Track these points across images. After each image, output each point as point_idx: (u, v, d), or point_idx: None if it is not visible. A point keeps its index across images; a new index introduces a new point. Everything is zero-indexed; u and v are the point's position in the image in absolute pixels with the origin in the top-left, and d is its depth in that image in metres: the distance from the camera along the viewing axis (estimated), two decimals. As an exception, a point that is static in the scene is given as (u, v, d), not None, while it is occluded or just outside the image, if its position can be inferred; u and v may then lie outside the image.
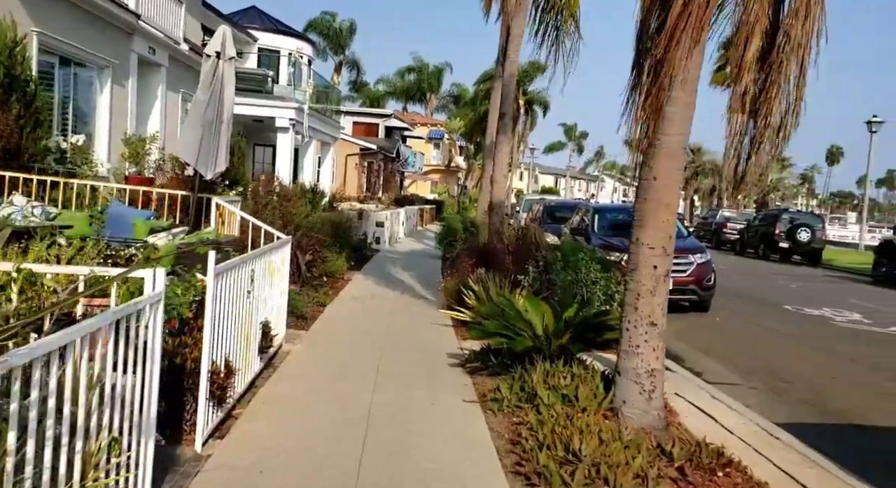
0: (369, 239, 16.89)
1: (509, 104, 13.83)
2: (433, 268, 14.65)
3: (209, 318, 4.00)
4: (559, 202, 22.46)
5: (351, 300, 9.86)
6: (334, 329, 7.78)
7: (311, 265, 10.07)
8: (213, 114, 6.53)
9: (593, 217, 12.45)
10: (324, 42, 52.04)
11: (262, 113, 19.06)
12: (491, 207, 13.99)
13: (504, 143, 13.75)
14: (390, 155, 35.91)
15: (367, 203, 28.63)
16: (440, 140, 57.26)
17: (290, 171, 19.40)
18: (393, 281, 12.19)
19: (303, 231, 10.28)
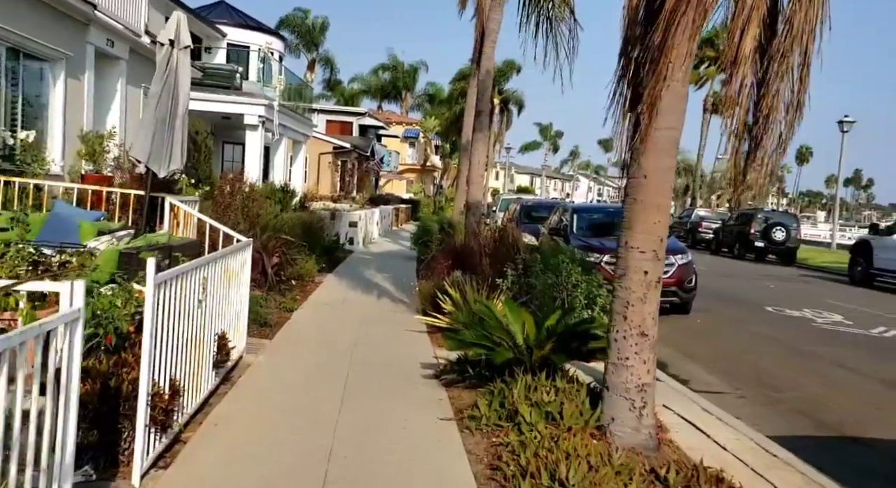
0: (342, 240, 16.39)
1: (486, 102, 13.46)
2: (408, 270, 14.21)
3: (148, 334, 3.52)
4: (536, 202, 22.16)
5: (321, 305, 9.38)
6: (301, 337, 7.30)
7: (278, 268, 9.57)
8: (166, 108, 6.03)
9: (572, 217, 12.11)
10: (296, 39, 51.27)
11: (231, 110, 18.45)
12: (468, 207, 13.61)
13: (480, 142, 13.37)
14: (365, 153, 35.36)
15: (341, 202, 28.07)
16: (416, 139, 56.76)
17: (260, 170, 18.80)
18: (366, 283, 11.72)
19: (270, 233, 9.77)
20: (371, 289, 11.15)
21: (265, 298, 8.78)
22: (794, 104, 4.51)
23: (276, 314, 8.23)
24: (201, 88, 18.22)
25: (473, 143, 13.65)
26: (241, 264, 5.87)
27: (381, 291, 10.98)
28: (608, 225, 12.21)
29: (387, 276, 12.92)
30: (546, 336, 5.30)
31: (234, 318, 5.72)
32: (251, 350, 6.46)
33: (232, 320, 5.64)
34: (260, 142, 18.71)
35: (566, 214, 12.96)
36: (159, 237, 5.38)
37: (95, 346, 3.80)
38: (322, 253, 13.86)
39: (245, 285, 6.15)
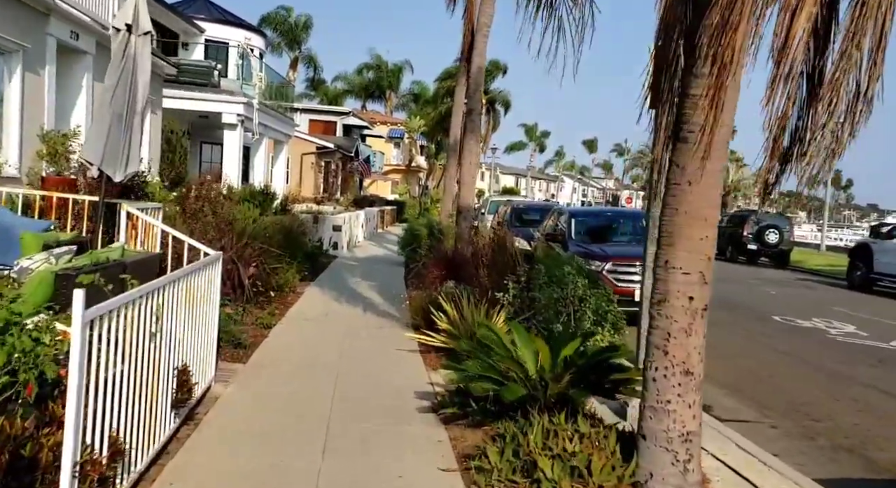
0: (326, 245, 15.59)
1: (477, 100, 12.74)
2: (395, 277, 13.44)
3: (75, 388, 2.74)
4: (528, 204, 21.47)
5: (302, 320, 8.59)
6: (278, 360, 6.51)
7: (255, 279, 8.76)
8: (123, 102, 5.22)
9: (570, 222, 11.41)
10: (278, 37, 50.25)
11: (208, 108, 17.57)
12: (459, 211, 12.88)
13: (472, 142, 12.65)
14: (349, 154, 34.52)
15: (325, 204, 27.22)
16: (400, 139, 55.90)
17: (239, 171, 17.94)
18: (351, 293, 10.94)
19: (246, 240, 8.96)
20: (356, 299, 10.37)
21: (240, 313, 7.98)
22: (859, 95, 3.80)
23: (251, 331, 7.43)
24: (177, 86, 17.36)
25: (465, 143, 12.94)
26: (209, 282, 5.08)
27: (368, 303, 10.20)
28: (608, 230, 11.55)
29: (373, 285, 12.15)
30: (563, 367, 4.57)
31: (200, 345, 4.94)
32: (222, 377, 5.67)
33: (198, 348, 4.86)
34: (239, 142, 17.85)
35: (563, 219, 12.26)
36: (110, 253, 4.58)
37: (12, 398, 3.01)
38: (304, 259, 13.06)
39: (214, 305, 5.36)
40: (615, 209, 16.22)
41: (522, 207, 18.98)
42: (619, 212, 14.93)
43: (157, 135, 15.24)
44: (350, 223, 18.94)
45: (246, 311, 8.37)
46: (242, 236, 8.88)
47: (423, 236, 15.36)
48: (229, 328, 6.57)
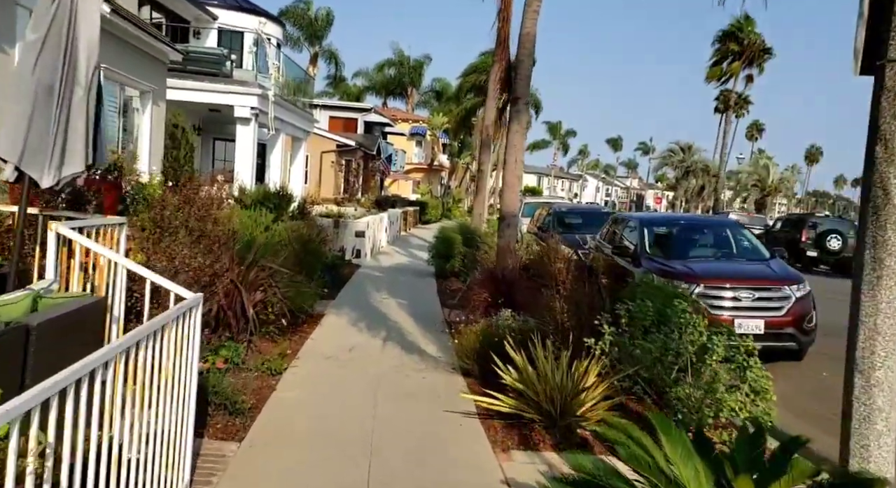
0: (348, 254, 13.87)
1: (525, 86, 10.94)
2: (428, 293, 11.66)
3: None
4: (571, 207, 19.47)
5: (321, 359, 6.82)
6: (287, 433, 4.73)
7: (263, 307, 7.02)
8: (54, 71, 3.49)
9: (642, 232, 9.49)
10: (298, 32, 48.75)
11: (219, 100, 15.92)
12: (501, 218, 11.10)
13: (517, 137, 10.84)
14: (370, 152, 32.81)
15: (345, 206, 25.51)
16: (422, 137, 54.18)
17: (253, 171, 16.28)
18: (379, 317, 9.17)
19: (253, 258, 7.21)
20: (385, 326, 8.60)
21: (242, 354, 6.24)
22: None
23: (255, 382, 5.68)
24: (184, 76, 15.73)
25: (509, 136, 11.13)
26: (180, 340, 3.33)
27: (399, 331, 8.42)
28: (689, 242, 9.64)
29: (403, 303, 10.37)
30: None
31: (166, 437, 3.19)
32: (207, 471, 3.93)
33: (160, 444, 3.11)
34: (253, 138, 16.17)
35: (629, 227, 10.35)
36: (9, 306, 2.84)
37: None
38: (323, 272, 11.34)
39: (191, 367, 3.61)
40: (696, 216, 14.18)
41: (564, 210, 17.05)
42: (702, 221, 12.69)
43: (159, 130, 13.60)
44: (373, 228, 17.20)
45: (250, 349, 6.63)
46: (247, 254, 7.12)
47: (457, 243, 13.57)
48: (221, 387, 4.82)
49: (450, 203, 47.56)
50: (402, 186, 49.99)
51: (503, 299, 8.37)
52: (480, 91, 46.34)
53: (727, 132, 50.30)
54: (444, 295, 11.55)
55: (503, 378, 5.14)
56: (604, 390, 4.85)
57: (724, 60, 48.20)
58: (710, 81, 49.30)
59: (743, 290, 7.78)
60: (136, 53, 12.28)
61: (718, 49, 48.14)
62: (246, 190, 14.81)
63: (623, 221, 10.76)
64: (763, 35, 46.75)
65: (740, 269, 8.40)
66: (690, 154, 66.43)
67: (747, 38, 46.76)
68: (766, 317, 7.71)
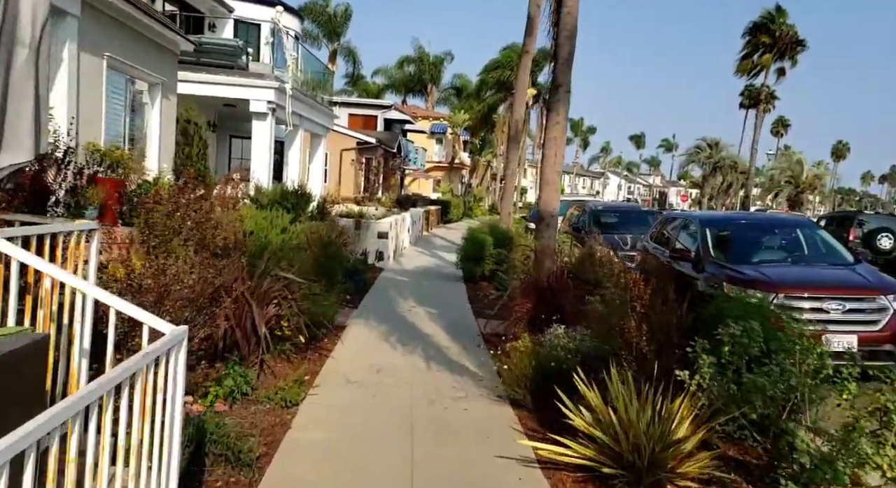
0: (370, 257, 12.93)
1: (566, 71, 9.91)
2: (458, 299, 10.69)
3: None
4: (608, 205, 18.30)
5: (344, 384, 5.87)
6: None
7: (276, 322, 6.09)
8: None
9: (703, 233, 8.38)
10: (317, 29, 48.05)
11: (234, 94, 15.06)
12: (540, 218, 10.08)
13: (557, 129, 9.84)
14: (391, 149, 31.89)
15: (366, 205, 24.62)
16: (443, 135, 53.20)
17: (270, 169, 15.41)
18: (406, 329, 8.22)
19: (265, 266, 6.28)
20: (415, 340, 7.64)
21: (252, 379, 5.31)
22: None
23: (265, 419, 4.74)
24: (197, 68, 14.90)
25: (547, 129, 10.13)
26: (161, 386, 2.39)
27: (431, 346, 7.46)
28: (758, 246, 8.54)
29: (432, 313, 9.41)
30: None
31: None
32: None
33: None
34: (269, 133, 15.30)
35: (685, 227, 9.27)
36: None
37: None
38: (345, 277, 10.43)
39: (173, 423, 2.66)
40: (762, 215, 12.88)
41: (601, 209, 15.92)
42: (772, 221, 11.14)
43: (170, 125, 12.77)
44: (396, 228, 16.26)
45: (263, 372, 5.71)
46: (259, 262, 6.20)
47: (487, 245, 12.57)
48: (222, 433, 3.87)
49: (471, 202, 46.55)
50: (423, 185, 49.07)
51: (550, 311, 7.38)
52: (503, 87, 45.40)
53: (757, 127, 48.69)
54: (477, 302, 10.58)
55: (570, 418, 4.14)
56: (702, 436, 3.84)
57: (754, 53, 46.62)
58: (739, 75, 47.74)
59: (831, 301, 6.69)
60: (144, 42, 11.44)
61: (749, 41, 46.57)
62: (262, 189, 13.94)
63: (678, 221, 9.68)
64: (796, 26, 45.13)
65: (825, 276, 7.29)
66: (718, 150, 64.76)
67: (779, 29, 45.17)
68: (859, 331, 6.62)
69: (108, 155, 9.75)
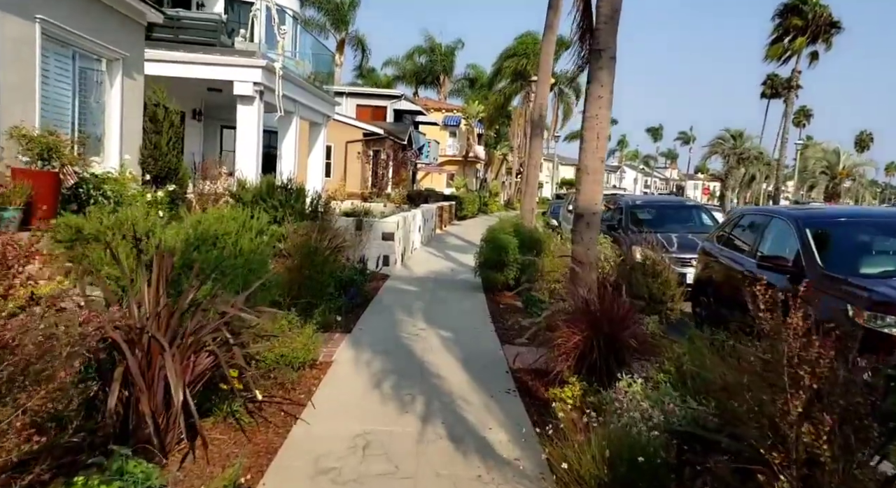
0: (372, 263, 10.93)
1: (610, 32, 7.97)
2: (479, 319, 8.65)
3: None
4: (647, 199, 16.05)
5: (306, 481, 3.84)
6: None
7: (208, 380, 4.09)
8: None
9: (803, 234, 6.28)
10: (324, 17, 46.11)
11: (216, 75, 13.11)
12: (579, 215, 8.10)
13: (599, 103, 7.87)
14: (401, 141, 29.85)
15: (373, 201, 22.64)
16: (456, 127, 51.10)
17: (258, 160, 13.44)
18: (411, 365, 6.20)
19: (191, 300, 4.28)
20: (424, 385, 5.62)
21: (157, 486, 3.32)
22: None
23: None
24: (174, 46, 12.98)
25: (588, 106, 8.08)
26: None
27: (446, 394, 5.43)
28: (888, 251, 6.40)
29: (447, 338, 7.39)
30: None
31: None
32: None
33: None
34: (257, 120, 13.33)
35: (771, 228, 7.14)
36: None
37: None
38: (338, 291, 8.47)
39: None
40: (873, 210, 10.52)
41: (638, 204, 13.75)
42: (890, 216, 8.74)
43: (134, 109, 10.82)
44: (405, 227, 14.24)
45: (189, 460, 3.72)
46: (188, 284, 4.21)
47: (512, 249, 10.51)
48: None
49: (486, 197, 44.45)
50: (436, 179, 47.04)
51: (607, 346, 5.35)
52: (519, 76, 43.23)
53: (787, 115, 46.12)
54: (501, 320, 8.54)
55: None
56: None
57: (784, 37, 44.03)
58: (769, 61, 45.18)
59: None
60: (99, 9, 9.50)
61: (779, 24, 44.00)
62: (246, 184, 11.96)
63: (757, 219, 7.55)
64: (829, 7, 42.51)
65: None
66: (742, 141, 62.15)
67: (812, 10, 42.57)
68: None
69: (38, 141, 7.80)
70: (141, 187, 10.39)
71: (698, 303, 8.38)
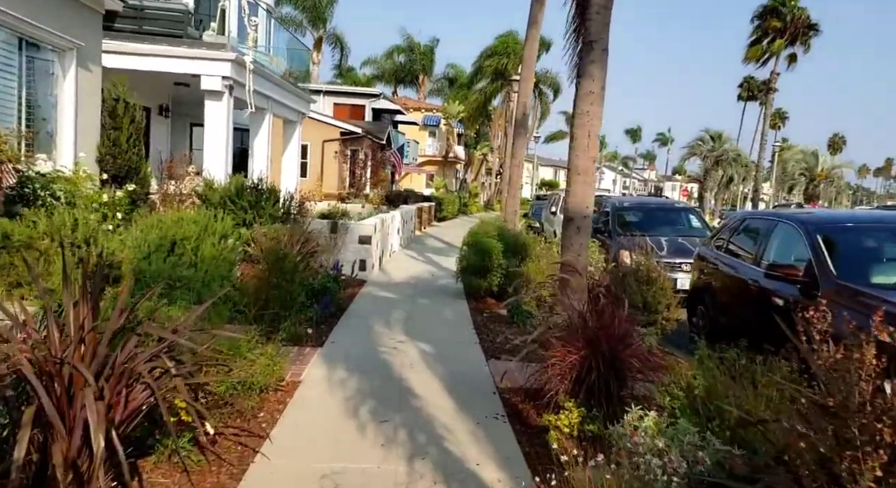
0: (348, 268, 10.29)
1: (602, 23, 7.52)
2: (462, 330, 8.05)
3: None
4: (634, 201, 15.49)
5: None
6: None
7: (153, 408, 3.43)
8: None
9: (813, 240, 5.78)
10: (301, 14, 45.21)
11: (182, 68, 12.36)
12: (569, 218, 7.59)
13: (591, 99, 7.38)
14: (379, 141, 29.17)
15: (351, 202, 21.96)
16: (436, 127, 50.50)
17: (227, 159, 12.70)
18: (389, 385, 5.58)
19: (122, 323, 3.62)
20: (403, 409, 5.00)
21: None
22: None
23: None
24: (137, 38, 12.22)
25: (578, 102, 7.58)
26: None
27: (427, 421, 4.82)
28: None
29: (428, 353, 6.78)
30: None
31: None
32: None
33: None
34: (226, 116, 12.60)
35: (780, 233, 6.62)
36: None
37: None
38: (310, 298, 7.83)
39: None
40: (888, 213, 9.98)
41: (626, 206, 13.22)
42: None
43: (90, 103, 10.07)
44: (383, 230, 13.60)
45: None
46: (120, 304, 3.55)
47: (496, 254, 9.92)
48: None
49: (466, 198, 43.87)
50: (415, 180, 46.39)
51: (605, 365, 4.78)
52: (499, 75, 42.72)
53: (766, 116, 46.23)
54: (486, 331, 7.96)
55: None
56: None
57: (763, 38, 44.12)
58: (748, 62, 45.23)
59: None
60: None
61: (758, 26, 44.07)
62: (214, 184, 11.26)
63: (761, 224, 7.03)
64: (808, 9, 42.67)
65: None
66: (721, 143, 62.36)
67: (791, 13, 42.69)
68: None
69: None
70: (98, 187, 9.65)
71: (695, 312, 7.87)
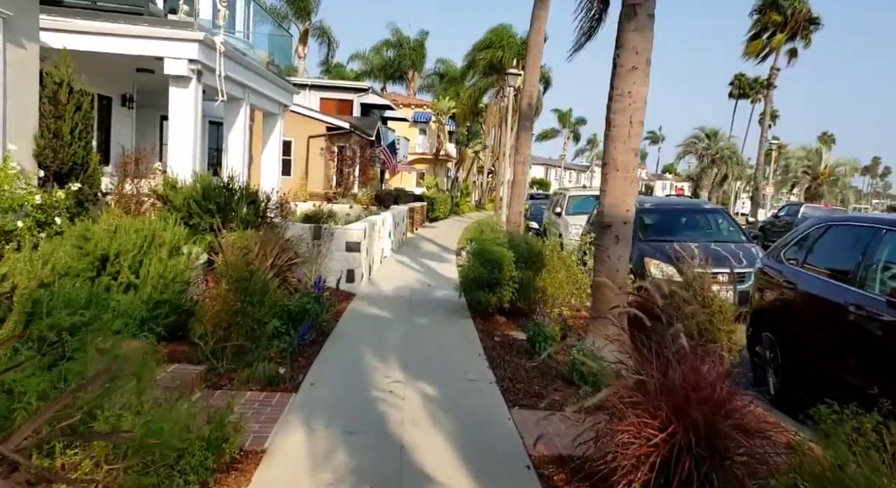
0: (334, 279, 8.76)
1: None
2: (472, 362, 6.53)
3: None
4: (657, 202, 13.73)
5: None
6: None
7: None
8: None
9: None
10: (286, 7, 43.51)
11: (142, 50, 10.76)
12: (605, 225, 6.14)
13: (634, 76, 5.91)
14: (368, 137, 27.58)
15: (339, 201, 20.41)
16: (426, 124, 48.93)
17: (194, 154, 11.11)
18: (384, 457, 4.08)
19: None
20: None
21: None
22: None
23: None
24: (92, 15, 10.63)
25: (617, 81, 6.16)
26: None
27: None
28: None
29: (432, 398, 5.29)
30: None
31: None
32: None
33: None
34: (193, 105, 11.01)
35: (883, 240, 5.19)
36: None
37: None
38: (285, 323, 6.32)
39: None
40: None
41: (648, 207, 11.71)
42: None
43: (23, 87, 8.46)
44: (373, 235, 12.08)
45: None
46: None
47: (508, 264, 8.40)
48: None
49: (458, 197, 42.35)
50: (406, 178, 44.83)
51: (702, 446, 3.31)
52: (493, 70, 41.19)
53: (766, 113, 45.03)
54: (501, 363, 6.46)
55: None
56: None
57: (763, 33, 42.90)
58: (748, 57, 43.96)
59: None
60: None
61: (758, 20, 42.85)
62: (177, 183, 9.69)
63: (857, 233, 5.57)
64: (808, 3, 41.47)
65: None
66: (716, 140, 61.24)
67: (791, 6, 41.48)
68: None
69: None
70: (34, 186, 8.08)
71: (759, 341, 6.40)
